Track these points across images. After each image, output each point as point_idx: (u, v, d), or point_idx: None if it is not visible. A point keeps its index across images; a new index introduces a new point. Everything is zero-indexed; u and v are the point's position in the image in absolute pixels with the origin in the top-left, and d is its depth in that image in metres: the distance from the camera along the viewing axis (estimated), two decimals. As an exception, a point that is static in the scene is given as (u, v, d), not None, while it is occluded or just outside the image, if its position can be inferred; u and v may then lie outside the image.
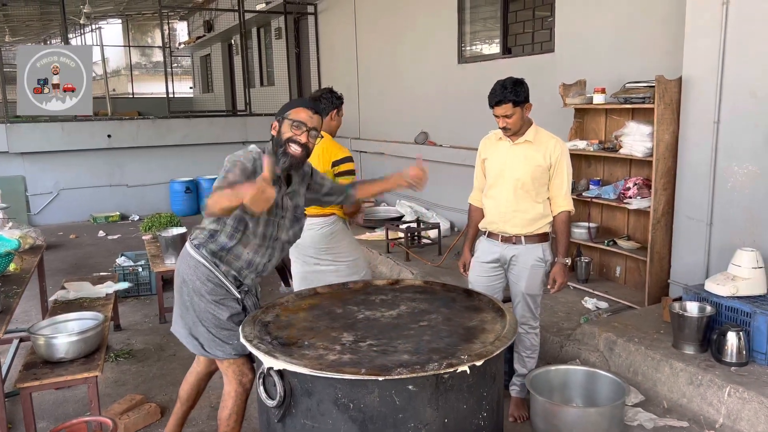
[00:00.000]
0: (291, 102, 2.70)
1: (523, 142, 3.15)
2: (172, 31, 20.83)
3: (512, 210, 3.17)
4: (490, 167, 3.27)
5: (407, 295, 2.71)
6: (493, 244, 3.29)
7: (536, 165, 3.12)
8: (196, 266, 2.54)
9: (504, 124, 3.09)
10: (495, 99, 3.05)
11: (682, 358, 3.45)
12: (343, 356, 2.07)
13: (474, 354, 2.02)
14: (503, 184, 3.19)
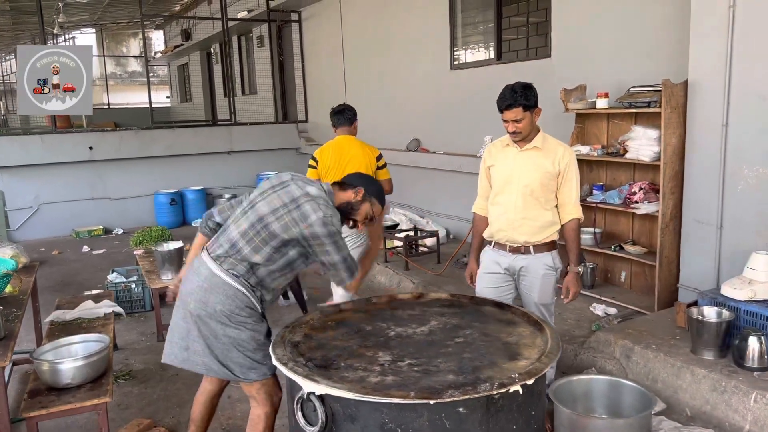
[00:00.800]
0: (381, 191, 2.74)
1: (531, 149, 3.09)
2: (148, 41, 20.47)
3: (521, 217, 3.10)
4: (498, 174, 3.19)
5: (435, 310, 2.62)
6: (501, 255, 3.22)
7: (545, 171, 3.07)
8: (235, 295, 2.44)
9: (514, 128, 3.00)
10: (505, 103, 2.98)
11: (703, 364, 3.41)
12: (386, 378, 1.97)
13: (524, 372, 1.93)
14: (511, 191, 3.13)
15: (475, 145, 6.64)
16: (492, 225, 3.24)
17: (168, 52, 18.26)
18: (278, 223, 2.42)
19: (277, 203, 2.45)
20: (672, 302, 4.35)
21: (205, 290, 2.46)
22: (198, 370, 2.56)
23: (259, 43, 12.39)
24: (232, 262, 2.46)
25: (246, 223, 2.49)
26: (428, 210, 7.62)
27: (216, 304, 2.44)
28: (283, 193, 2.48)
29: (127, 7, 15.80)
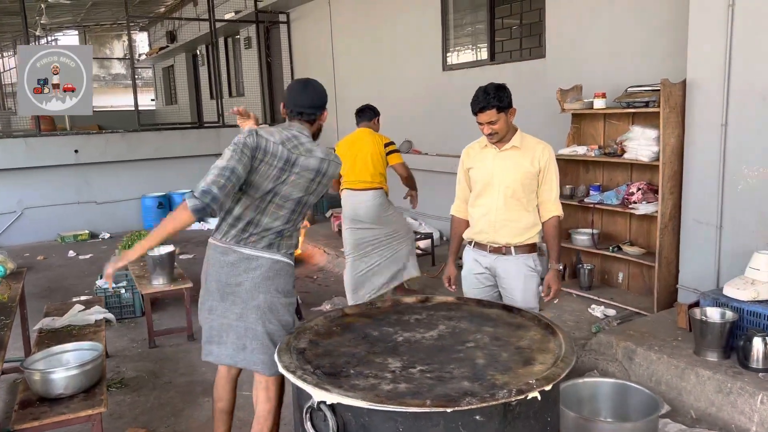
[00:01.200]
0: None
1: (510, 149, 3.07)
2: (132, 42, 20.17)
3: (502, 219, 3.08)
4: (477, 176, 3.16)
5: (442, 314, 2.55)
6: (481, 255, 3.20)
7: (525, 171, 3.05)
8: (283, 269, 2.65)
9: (489, 130, 2.99)
10: (478, 106, 2.96)
11: (707, 365, 3.38)
12: (398, 385, 1.90)
13: (541, 378, 1.87)
14: (492, 192, 3.10)
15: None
16: (473, 226, 3.22)
17: (153, 54, 18.06)
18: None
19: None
20: (671, 303, 4.33)
21: (267, 280, 2.60)
22: (254, 368, 2.69)
23: (246, 44, 12.28)
24: (258, 237, 2.60)
25: (283, 213, 2.62)
26: (421, 212, 7.56)
27: (286, 285, 2.67)
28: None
29: (111, 9, 15.61)
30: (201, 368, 4.27)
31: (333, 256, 6.89)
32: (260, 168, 2.53)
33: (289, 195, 2.59)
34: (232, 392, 2.98)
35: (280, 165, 2.55)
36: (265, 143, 2.53)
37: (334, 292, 5.90)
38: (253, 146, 2.50)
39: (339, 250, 6.93)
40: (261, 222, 2.59)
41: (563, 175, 4.97)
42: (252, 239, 2.59)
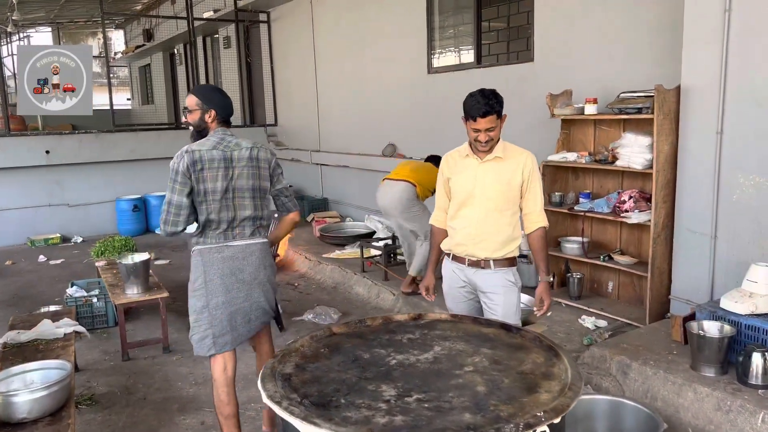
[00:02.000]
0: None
1: (492, 159, 2.93)
2: (108, 41, 19.69)
3: (483, 232, 2.96)
4: (458, 187, 3.01)
5: (437, 333, 2.40)
6: (459, 268, 3.08)
7: (508, 182, 2.93)
8: (267, 248, 3.13)
9: (486, 137, 2.85)
10: (480, 111, 2.80)
11: (705, 381, 3.27)
12: (394, 418, 1.75)
13: (549, 410, 1.73)
14: (474, 204, 2.97)
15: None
16: (452, 238, 3.09)
17: (129, 52, 17.68)
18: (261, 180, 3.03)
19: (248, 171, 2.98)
20: (663, 314, 4.24)
21: (263, 260, 3.04)
22: (258, 328, 3.16)
23: (225, 44, 12.03)
24: (258, 227, 3.06)
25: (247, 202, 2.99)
26: (404, 217, 7.40)
27: (271, 260, 3.14)
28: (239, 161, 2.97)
29: (85, 6, 15.22)
30: (177, 383, 4.06)
31: (314, 262, 6.70)
32: (206, 176, 2.88)
33: (244, 186, 2.96)
34: (233, 395, 3.08)
35: (223, 165, 2.90)
36: (199, 155, 2.87)
37: (315, 300, 5.72)
38: (185, 168, 2.84)
39: (321, 256, 6.76)
40: (236, 216, 2.95)
41: (552, 181, 4.87)
42: (237, 232, 2.97)
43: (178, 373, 4.22)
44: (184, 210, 2.87)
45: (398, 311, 5.28)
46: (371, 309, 5.44)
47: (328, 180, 9.17)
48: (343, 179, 8.68)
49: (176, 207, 2.86)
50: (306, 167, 9.54)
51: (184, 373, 4.21)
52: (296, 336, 4.82)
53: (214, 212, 2.90)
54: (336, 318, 5.14)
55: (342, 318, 5.18)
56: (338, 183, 8.88)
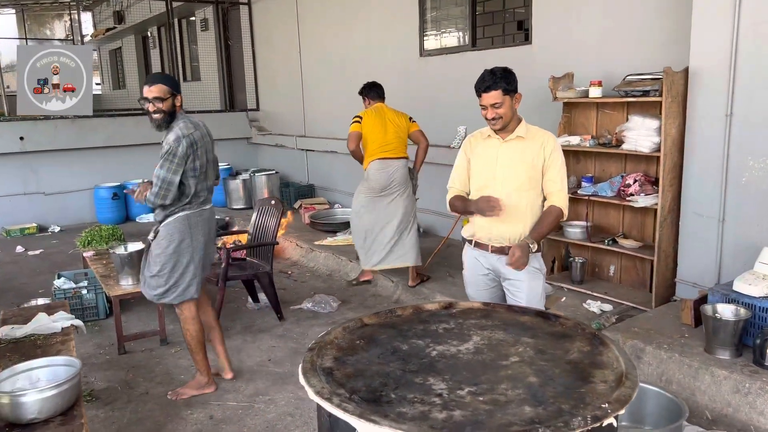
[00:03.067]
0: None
1: (515, 139, 2.89)
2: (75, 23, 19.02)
3: (505, 215, 2.85)
4: (479, 169, 2.97)
5: (472, 322, 2.33)
6: (483, 255, 3.01)
7: (531, 163, 2.88)
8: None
9: (493, 114, 2.81)
10: (484, 85, 2.80)
11: (721, 364, 3.28)
12: (452, 413, 1.67)
13: (614, 401, 1.68)
14: (495, 185, 2.90)
15: (447, 136, 6.39)
16: (473, 223, 3.03)
17: (98, 35, 17.12)
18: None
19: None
20: (668, 297, 4.25)
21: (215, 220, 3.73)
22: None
23: (203, 26, 11.71)
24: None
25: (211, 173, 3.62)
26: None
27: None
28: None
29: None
30: (179, 376, 3.94)
31: (306, 249, 6.59)
32: (199, 154, 3.39)
33: (211, 159, 3.56)
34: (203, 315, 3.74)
35: (204, 142, 3.44)
36: (193, 138, 3.36)
37: (311, 288, 5.62)
38: (184, 151, 3.31)
39: (313, 243, 6.64)
40: (208, 185, 3.54)
41: (554, 165, 4.82)
42: (208, 197, 3.58)
43: (179, 365, 4.09)
44: (174, 186, 3.33)
45: (398, 299, 5.21)
46: (370, 296, 5.35)
47: (314, 166, 9.01)
48: (330, 165, 8.54)
49: (169, 184, 3.31)
50: (291, 153, 9.36)
51: (185, 365, 4.07)
52: (296, 325, 4.74)
53: (201, 183, 3.45)
54: (335, 306, 5.05)
55: (342, 306, 5.09)
56: (325, 169, 8.73)
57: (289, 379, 3.82)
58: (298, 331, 4.58)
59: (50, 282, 5.33)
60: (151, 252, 3.52)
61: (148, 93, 3.36)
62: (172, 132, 3.37)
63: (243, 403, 3.56)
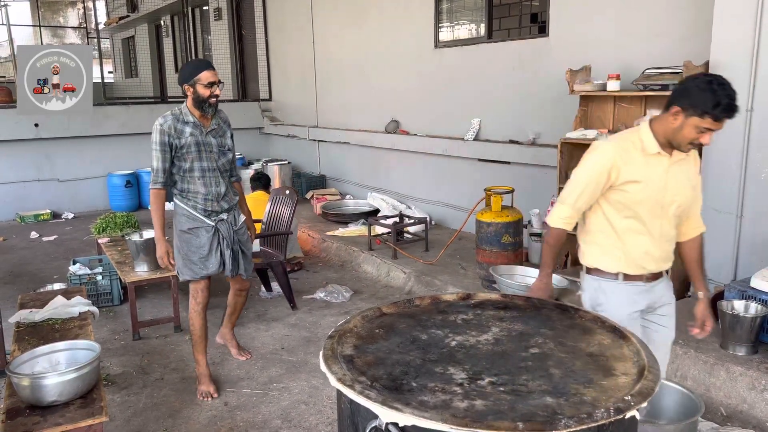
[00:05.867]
0: (193, 68, 3.39)
1: (684, 158, 2.42)
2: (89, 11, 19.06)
3: (664, 250, 2.50)
4: (642, 194, 2.37)
5: (490, 313, 2.33)
6: (639, 289, 2.52)
7: (692, 184, 2.49)
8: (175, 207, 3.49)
9: (709, 141, 2.33)
10: (733, 111, 2.29)
11: (737, 360, 3.26)
12: (474, 402, 1.67)
13: (636, 393, 1.67)
14: (663, 215, 2.42)
15: (461, 129, 6.38)
16: (626, 257, 2.48)
17: (111, 23, 17.16)
18: None
19: None
20: (683, 293, 4.22)
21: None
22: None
23: (216, 15, 11.71)
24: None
25: None
26: (408, 195, 7.33)
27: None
28: None
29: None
30: (193, 363, 3.95)
31: (319, 239, 6.60)
32: None
33: None
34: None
35: None
36: None
37: (323, 278, 5.63)
38: None
39: (325, 233, 6.66)
40: None
41: (570, 159, 4.80)
42: None
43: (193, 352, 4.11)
44: None
45: (410, 290, 5.22)
46: (382, 287, 5.37)
47: (326, 157, 9.02)
48: (342, 156, 8.55)
49: None
50: (303, 143, 9.37)
51: (199, 352, 4.10)
52: (309, 314, 4.75)
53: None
54: (348, 296, 5.06)
55: (354, 296, 5.11)
56: (337, 160, 8.74)
57: (302, 367, 3.84)
58: (310, 321, 4.60)
59: (65, 268, 5.37)
60: (242, 233, 3.63)
61: (215, 77, 3.37)
62: (223, 114, 3.59)
63: (257, 391, 3.58)
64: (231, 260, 3.52)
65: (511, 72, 5.73)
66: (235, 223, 3.58)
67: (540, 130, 5.52)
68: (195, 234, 3.44)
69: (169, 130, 3.32)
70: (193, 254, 3.44)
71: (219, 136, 3.51)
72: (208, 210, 3.44)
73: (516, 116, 5.76)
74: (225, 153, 3.54)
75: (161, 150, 3.32)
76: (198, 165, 3.39)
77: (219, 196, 3.47)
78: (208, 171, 3.42)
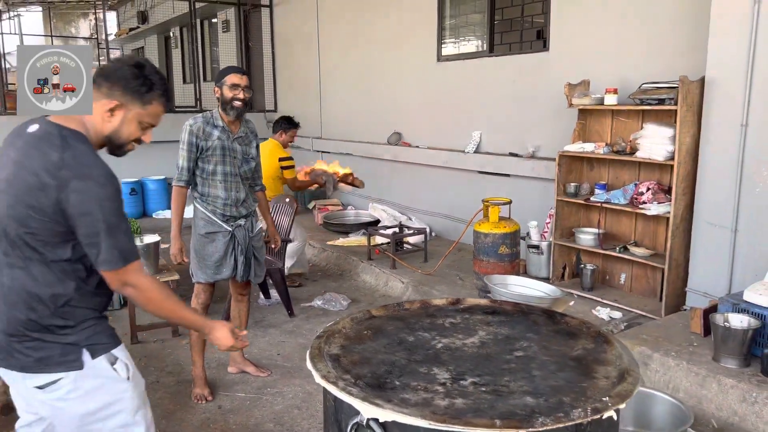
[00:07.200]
0: (224, 71, 3.53)
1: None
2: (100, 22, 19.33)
3: None
4: None
5: (478, 318, 2.36)
6: None
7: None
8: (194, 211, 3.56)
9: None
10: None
11: (729, 373, 3.27)
12: (454, 401, 1.70)
13: (615, 395, 1.70)
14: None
15: (462, 141, 6.43)
16: None
17: (122, 34, 17.39)
18: None
19: None
20: (679, 306, 4.24)
21: None
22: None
23: (224, 27, 11.86)
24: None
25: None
26: (409, 206, 7.37)
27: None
28: None
29: (79, -15, 14.95)
30: (189, 367, 3.98)
31: (319, 249, 6.64)
32: None
33: None
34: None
35: None
36: None
37: (322, 287, 5.66)
38: None
39: (325, 243, 6.70)
40: None
41: (567, 172, 4.85)
42: None
43: (190, 357, 4.13)
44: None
45: (407, 299, 5.24)
46: (380, 297, 5.39)
47: (329, 167, 9.07)
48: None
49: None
50: (306, 154, 9.42)
51: (196, 357, 4.13)
52: (306, 321, 4.78)
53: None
54: (345, 305, 5.09)
55: (352, 305, 5.14)
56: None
57: (297, 372, 3.87)
58: (307, 328, 4.63)
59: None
60: (257, 239, 3.71)
61: (241, 80, 3.45)
62: (251, 124, 3.69)
63: (251, 395, 3.61)
64: (243, 266, 3.58)
65: (511, 85, 5.79)
66: (252, 229, 3.65)
67: (539, 143, 5.56)
68: (211, 238, 3.50)
69: (198, 131, 3.41)
70: (208, 258, 3.51)
71: (245, 144, 3.58)
72: (227, 215, 3.51)
73: (516, 129, 5.81)
74: (248, 161, 3.60)
75: (188, 150, 3.42)
76: (221, 169, 3.47)
77: (238, 201, 3.54)
78: (230, 176, 3.50)
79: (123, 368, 1.97)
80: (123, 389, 1.96)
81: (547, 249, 5.04)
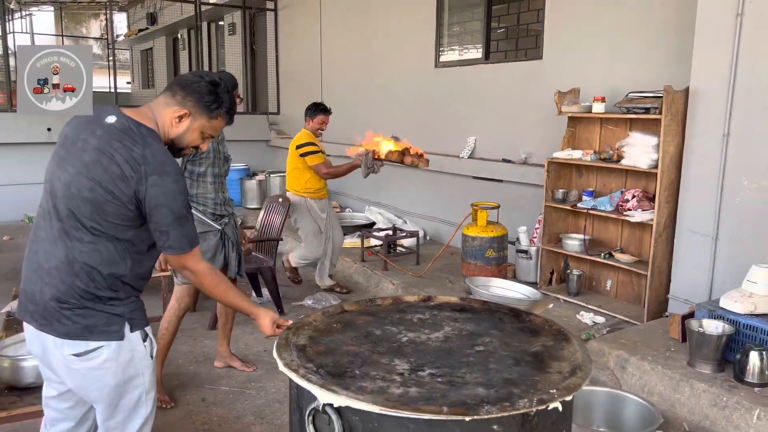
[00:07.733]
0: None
1: None
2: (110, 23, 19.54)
3: None
4: None
5: (446, 314, 2.43)
6: None
7: None
8: None
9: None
10: None
11: (702, 377, 3.33)
12: (409, 389, 1.78)
13: (562, 388, 1.77)
14: None
15: (457, 146, 6.51)
16: None
17: (131, 35, 17.61)
18: None
19: None
20: (661, 313, 4.29)
21: None
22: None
23: (230, 30, 12.01)
24: None
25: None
26: (405, 210, 7.45)
27: None
28: None
29: (90, -14, 15.16)
30: (178, 360, 4.08)
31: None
32: None
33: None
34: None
35: None
36: None
37: (314, 286, 5.74)
38: None
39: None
40: None
41: (556, 178, 4.91)
42: None
43: (179, 351, 4.23)
44: None
45: (397, 301, 5.31)
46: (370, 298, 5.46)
47: (328, 170, 9.16)
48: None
49: None
50: (307, 157, 9.54)
51: (185, 351, 4.23)
52: (295, 320, 4.85)
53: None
54: (335, 304, 5.16)
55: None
56: (339, 174, 8.87)
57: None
58: (296, 326, 4.71)
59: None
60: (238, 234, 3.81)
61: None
62: None
63: (235, 389, 3.69)
64: (236, 261, 3.68)
65: (506, 93, 5.86)
66: (236, 226, 3.77)
67: (531, 150, 5.63)
68: (203, 238, 3.51)
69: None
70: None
71: (223, 144, 3.72)
72: (217, 214, 3.61)
73: (509, 135, 5.89)
74: (227, 160, 3.74)
75: None
76: (211, 170, 3.58)
77: (226, 200, 3.68)
78: (217, 177, 3.62)
79: (150, 346, 2.12)
80: (146, 366, 2.10)
81: (536, 254, 5.11)
